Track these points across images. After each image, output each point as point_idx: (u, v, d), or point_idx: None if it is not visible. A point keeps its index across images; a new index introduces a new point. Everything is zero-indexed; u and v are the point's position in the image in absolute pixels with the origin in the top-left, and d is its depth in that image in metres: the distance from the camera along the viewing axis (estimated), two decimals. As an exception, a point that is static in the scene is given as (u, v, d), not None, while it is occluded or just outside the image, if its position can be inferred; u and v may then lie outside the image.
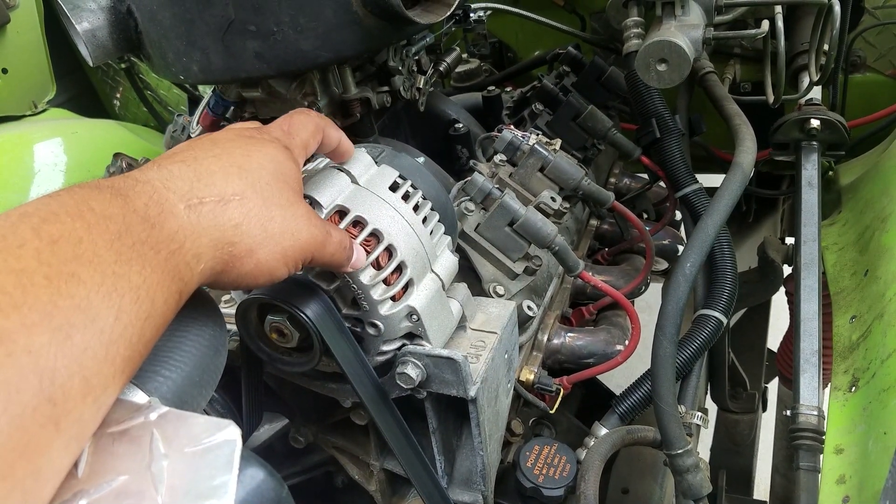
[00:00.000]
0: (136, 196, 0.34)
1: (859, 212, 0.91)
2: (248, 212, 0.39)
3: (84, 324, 0.28)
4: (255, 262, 0.40)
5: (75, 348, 0.28)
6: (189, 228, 0.36)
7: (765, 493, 1.11)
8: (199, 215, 0.36)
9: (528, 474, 0.66)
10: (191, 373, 0.36)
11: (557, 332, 0.81)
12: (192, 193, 0.37)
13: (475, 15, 1.02)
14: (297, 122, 0.48)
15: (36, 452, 0.26)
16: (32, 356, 0.26)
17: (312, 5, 0.63)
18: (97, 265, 0.30)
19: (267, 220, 0.40)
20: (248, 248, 0.39)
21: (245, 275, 0.40)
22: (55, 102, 1.38)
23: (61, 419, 0.27)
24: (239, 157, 0.41)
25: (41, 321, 0.27)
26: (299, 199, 0.44)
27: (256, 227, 0.39)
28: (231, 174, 0.40)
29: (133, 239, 0.32)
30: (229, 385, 0.63)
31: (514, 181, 0.81)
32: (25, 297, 0.27)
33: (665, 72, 0.71)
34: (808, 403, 0.70)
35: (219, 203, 0.38)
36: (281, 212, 0.41)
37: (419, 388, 0.56)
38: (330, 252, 0.46)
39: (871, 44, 1.12)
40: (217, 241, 0.37)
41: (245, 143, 0.43)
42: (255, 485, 0.33)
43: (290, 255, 0.42)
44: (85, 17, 0.68)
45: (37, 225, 0.29)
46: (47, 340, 0.27)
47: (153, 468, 0.29)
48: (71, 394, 0.27)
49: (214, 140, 0.43)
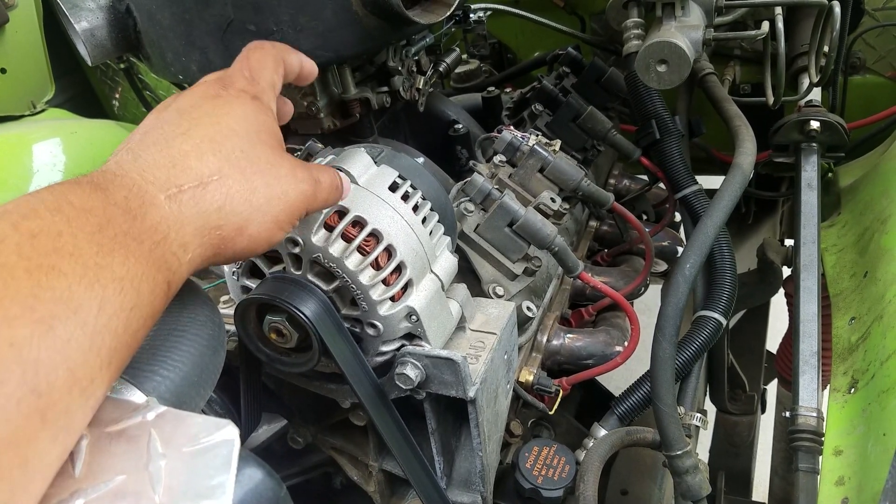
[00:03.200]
0: (115, 189, 0.34)
1: (859, 213, 0.91)
2: (228, 190, 0.38)
3: (66, 315, 0.28)
4: (247, 238, 0.39)
5: (58, 339, 0.28)
6: (172, 219, 0.35)
7: (764, 495, 1.11)
8: (181, 204, 0.36)
9: (527, 475, 0.66)
10: (189, 373, 0.36)
11: (557, 334, 0.81)
12: (171, 182, 0.36)
13: (475, 15, 1.03)
14: (256, 61, 0.46)
15: (22, 444, 0.26)
16: (15, 348, 0.26)
17: (312, 5, 0.63)
18: (78, 257, 0.30)
19: (250, 193, 0.39)
20: (237, 227, 0.39)
21: (240, 251, 0.40)
22: (54, 102, 1.37)
23: (47, 410, 0.27)
24: (208, 126, 0.39)
25: (23, 313, 0.27)
26: (280, 155, 0.42)
27: (241, 204, 0.39)
28: (204, 152, 0.38)
29: (115, 230, 0.32)
30: (228, 385, 0.63)
31: (514, 182, 0.81)
32: (6, 290, 0.27)
33: (665, 73, 0.71)
34: (808, 405, 0.70)
35: (198, 188, 0.37)
36: (263, 178, 0.40)
37: (418, 388, 0.56)
38: (322, 199, 0.45)
39: (871, 45, 1.13)
40: (202, 228, 0.37)
41: (211, 106, 0.41)
42: (254, 485, 0.33)
43: (282, 219, 0.41)
44: (84, 16, 0.68)
45: (16, 221, 0.29)
46: (29, 332, 0.27)
47: (151, 468, 0.29)
48: (56, 385, 0.27)
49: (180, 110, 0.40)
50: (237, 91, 0.43)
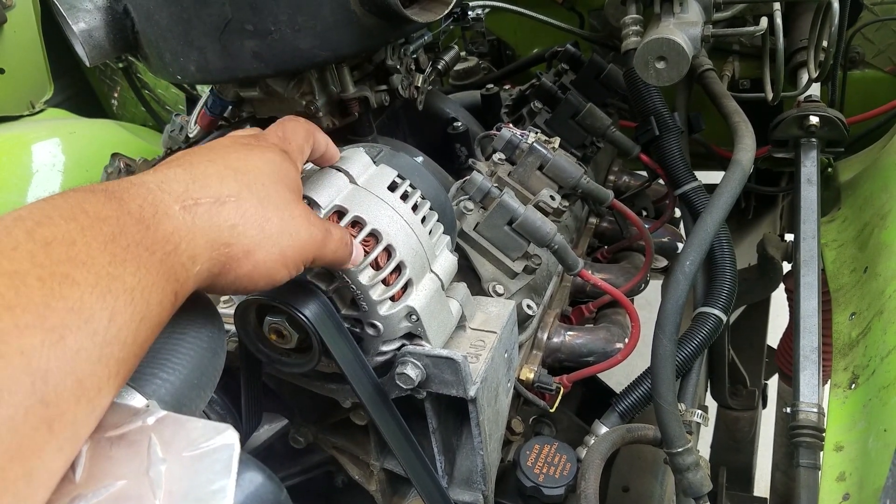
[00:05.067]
0: (130, 198, 0.34)
1: (858, 208, 0.91)
2: (244, 212, 0.39)
3: (78, 325, 0.28)
4: (252, 264, 0.39)
5: (68, 350, 0.27)
6: (184, 229, 0.35)
7: (765, 491, 1.11)
8: (195, 216, 0.36)
9: (528, 473, 0.66)
10: (189, 375, 0.36)
11: (557, 331, 0.81)
12: (188, 194, 0.37)
13: (473, 13, 1.02)
14: (290, 128, 0.49)
15: (29, 455, 0.26)
16: (25, 357, 0.26)
17: (310, 4, 0.62)
18: (91, 266, 0.29)
19: (264, 221, 0.40)
20: (246, 249, 0.39)
21: (243, 276, 0.40)
22: (53, 102, 1.37)
23: (54, 421, 0.27)
24: (234, 160, 0.41)
25: (34, 322, 0.27)
26: (297, 200, 0.44)
27: (253, 228, 0.39)
28: (226, 176, 0.40)
29: (127, 240, 0.32)
30: (228, 386, 0.63)
31: (513, 180, 0.81)
32: (18, 298, 0.27)
33: (664, 69, 0.71)
34: (808, 400, 0.70)
35: (214, 204, 0.38)
36: (278, 213, 0.41)
37: (419, 388, 0.56)
38: (332, 250, 0.46)
39: (870, 40, 1.12)
40: (213, 241, 0.37)
41: (241, 148, 0.43)
42: (254, 489, 0.33)
43: (289, 256, 0.42)
44: (81, 17, 0.67)
45: (31, 228, 0.29)
46: (40, 342, 0.26)
47: (151, 473, 0.29)
48: (64, 395, 0.27)
49: (211, 146, 0.43)
50: (269, 144, 0.46)
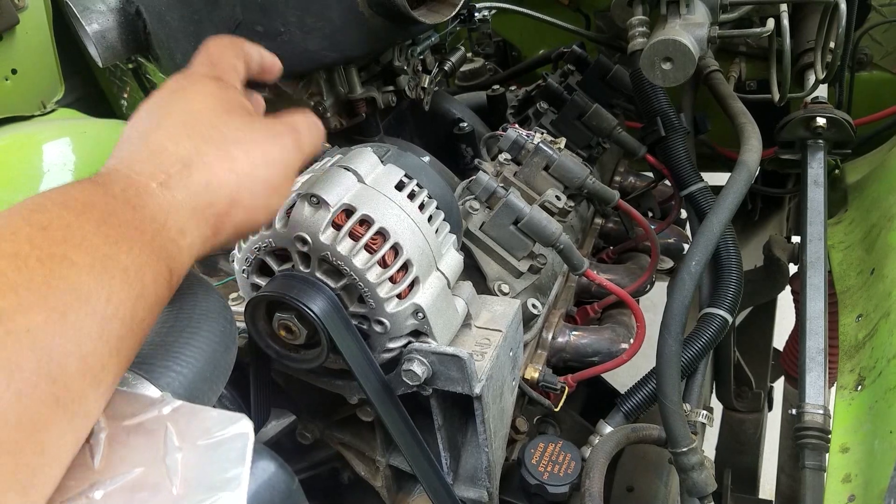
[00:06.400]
0: (111, 184, 0.35)
1: (865, 210, 0.91)
2: (209, 165, 0.38)
3: (78, 304, 0.29)
4: (243, 210, 0.40)
5: (70, 327, 0.29)
6: (167, 205, 0.36)
7: (770, 493, 1.11)
8: (172, 189, 0.37)
9: (532, 471, 0.66)
10: (202, 369, 0.37)
11: (562, 331, 0.81)
12: (157, 170, 0.37)
13: (480, 14, 1.03)
14: (215, 50, 0.47)
15: (40, 428, 0.27)
16: (31, 335, 0.27)
17: (319, 6, 0.63)
18: (86, 248, 0.31)
19: (231, 163, 0.39)
20: (229, 199, 0.39)
21: (240, 224, 0.40)
22: (63, 103, 1.39)
23: (62, 395, 0.28)
24: (177, 114, 0.40)
25: (37, 301, 0.28)
26: (251, 121, 0.42)
27: (225, 175, 0.39)
28: (179, 136, 0.39)
29: (118, 221, 0.33)
30: (238, 381, 0.64)
31: (519, 180, 0.81)
32: (20, 278, 0.28)
33: (670, 70, 0.71)
34: (814, 402, 0.70)
35: (183, 170, 0.38)
36: (240, 147, 0.40)
37: (425, 384, 0.57)
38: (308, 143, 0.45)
39: (878, 41, 1.12)
40: (195, 208, 0.37)
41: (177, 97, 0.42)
42: (267, 477, 0.34)
43: (274, 182, 0.41)
44: (94, 18, 0.69)
45: (27, 215, 0.30)
46: (43, 319, 0.28)
47: (167, 461, 0.29)
48: (69, 371, 0.28)
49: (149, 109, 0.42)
50: (198, 76, 0.44)
